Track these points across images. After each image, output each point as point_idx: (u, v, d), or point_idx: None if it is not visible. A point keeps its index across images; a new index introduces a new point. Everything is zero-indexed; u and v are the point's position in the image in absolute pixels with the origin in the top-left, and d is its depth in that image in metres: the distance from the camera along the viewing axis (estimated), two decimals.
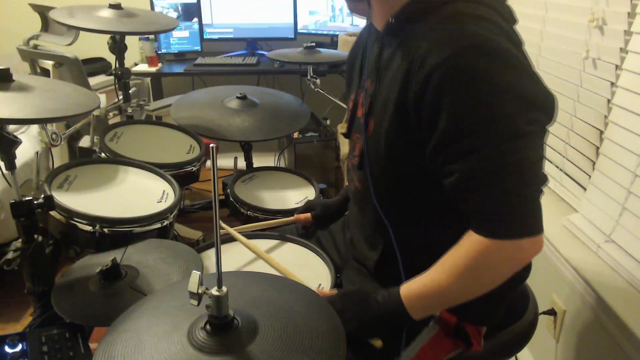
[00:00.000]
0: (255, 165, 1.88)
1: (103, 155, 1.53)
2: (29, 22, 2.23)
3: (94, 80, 2.61)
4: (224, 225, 1.20)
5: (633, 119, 1.13)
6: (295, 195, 1.64)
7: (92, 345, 1.00)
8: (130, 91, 1.87)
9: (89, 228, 1.15)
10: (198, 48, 2.96)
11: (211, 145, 0.64)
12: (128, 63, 1.85)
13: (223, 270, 0.64)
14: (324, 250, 1.17)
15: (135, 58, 2.85)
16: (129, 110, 1.88)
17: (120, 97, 1.86)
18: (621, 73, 1.18)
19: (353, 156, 0.99)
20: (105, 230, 1.16)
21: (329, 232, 1.25)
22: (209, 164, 2.16)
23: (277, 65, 2.68)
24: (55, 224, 1.18)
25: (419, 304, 0.81)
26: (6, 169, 1.09)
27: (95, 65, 2.82)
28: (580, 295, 1.22)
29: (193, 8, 2.88)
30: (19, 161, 1.12)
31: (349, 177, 1.05)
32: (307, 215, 1.26)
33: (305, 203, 1.31)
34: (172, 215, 1.29)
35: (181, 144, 1.75)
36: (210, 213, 1.68)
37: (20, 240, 1.10)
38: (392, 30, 0.84)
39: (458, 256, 0.78)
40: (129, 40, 1.79)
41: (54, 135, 1.49)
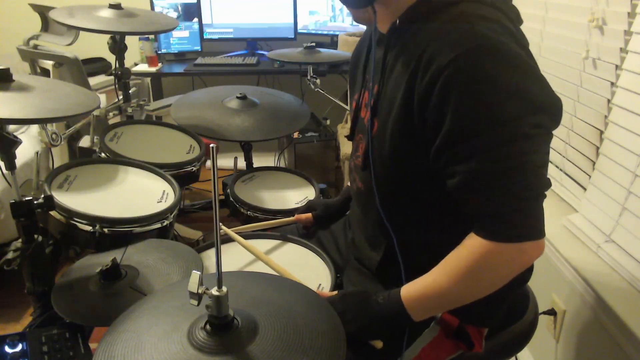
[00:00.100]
0: (255, 165, 1.88)
1: (103, 155, 1.52)
2: (29, 22, 2.23)
3: (94, 80, 2.61)
4: (223, 228, 1.20)
5: (633, 119, 1.13)
6: (295, 195, 1.64)
7: (92, 345, 1.00)
8: (130, 91, 1.87)
9: (89, 228, 1.15)
10: (198, 48, 2.96)
11: (211, 145, 0.64)
12: (128, 63, 1.85)
13: (223, 270, 0.64)
14: (324, 251, 1.17)
15: (135, 58, 2.85)
16: (129, 110, 1.88)
17: (120, 97, 1.86)
18: (621, 73, 1.18)
19: (356, 157, 0.99)
20: (105, 230, 1.16)
21: (330, 232, 1.24)
22: (209, 164, 2.16)
23: (277, 65, 2.68)
24: (55, 224, 1.18)
25: (420, 306, 0.81)
26: (6, 169, 1.09)
27: (95, 65, 2.82)
28: (580, 295, 1.22)
29: (193, 8, 2.88)
30: (19, 161, 1.12)
31: (351, 178, 1.05)
32: (308, 215, 1.26)
33: (306, 203, 1.31)
34: (172, 215, 1.29)
35: (181, 144, 1.75)
36: (210, 213, 1.68)
37: (20, 240, 1.10)
38: (397, 32, 0.84)
39: (459, 258, 0.78)
40: (129, 40, 1.79)
41: (54, 135, 1.49)
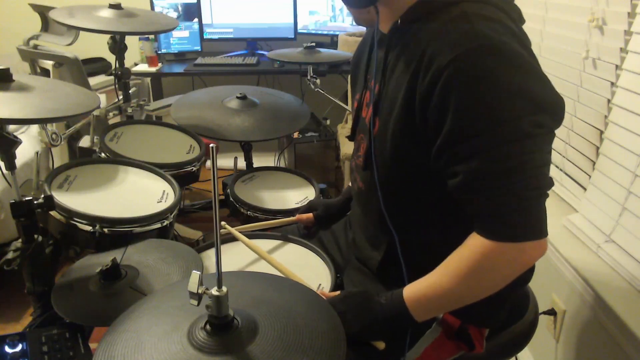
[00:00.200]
0: (255, 165, 1.88)
1: (103, 155, 1.53)
2: (29, 22, 2.23)
3: (94, 80, 2.61)
4: (226, 226, 1.20)
5: (633, 119, 1.12)
6: (296, 195, 1.64)
7: (92, 345, 1.00)
8: (130, 91, 1.87)
9: (89, 228, 1.15)
10: (198, 48, 2.96)
11: (211, 145, 0.64)
12: (128, 63, 1.85)
13: (223, 270, 0.64)
14: (325, 251, 1.17)
15: (135, 58, 2.85)
16: (129, 110, 1.88)
17: (120, 97, 1.86)
18: (621, 73, 1.18)
19: (357, 156, 0.99)
20: (105, 230, 1.16)
21: (331, 232, 1.24)
22: (209, 164, 2.15)
23: (277, 65, 2.68)
24: (55, 224, 1.18)
25: (422, 307, 0.81)
26: (6, 169, 1.09)
27: (95, 65, 2.82)
28: (580, 295, 1.22)
29: (193, 8, 2.88)
30: (19, 161, 1.12)
31: (352, 178, 1.04)
32: (309, 215, 1.26)
33: (307, 203, 1.31)
34: (172, 215, 1.29)
35: (181, 144, 1.75)
36: (210, 213, 1.68)
37: (20, 240, 1.10)
38: (399, 32, 0.84)
39: (461, 258, 0.78)
40: (129, 40, 1.79)
41: (54, 135, 1.49)
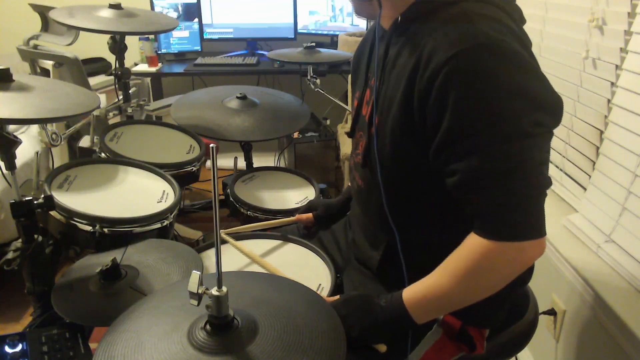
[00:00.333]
0: (255, 165, 1.88)
1: (103, 155, 1.53)
2: (29, 22, 2.23)
3: (94, 80, 2.61)
4: (223, 235, 1.19)
5: (633, 119, 1.12)
6: (296, 195, 1.64)
7: (92, 345, 1.00)
8: (130, 91, 1.87)
9: (89, 228, 1.15)
10: (198, 48, 2.96)
11: (211, 145, 0.64)
12: (128, 63, 1.85)
13: (223, 270, 0.64)
14: (325, 251, 1.17)
15: (135, 58, 2.85)
16: (129, 110, 1.88)
17: (120, 97, 1.86)
18: (621, 73, 1.18)
19: (356, 154, 0.99)
20: (105, 230, 1.16)
21: (331, 232, 1.24)
22: (209, 164, 2.15)
23: (277, 65, 2.68)
24: (55, 224, 1.18)
25: (422, 308, 0.81)
26: (6, 169, 1.09)
27: (95, 65, 2.83)
28: (580, 295, 1.22)
29: (193, 8, 2.88)
30: (19, 161, 1.12)
31: (350, 176, 1.04)
32: (309, 215, 1.26)
33: (307, 203, 1.31)
34: (172, 215, 1.29)
35: (181, 144, 1.75)
36: (210, 213, 1.68)
37: (20, 240, 1.10)
38: (399, 29, 0.84)
39: (460, 258, 0.78)
40: (129, 40, 1.79)
41: (54, 135, 1.49)
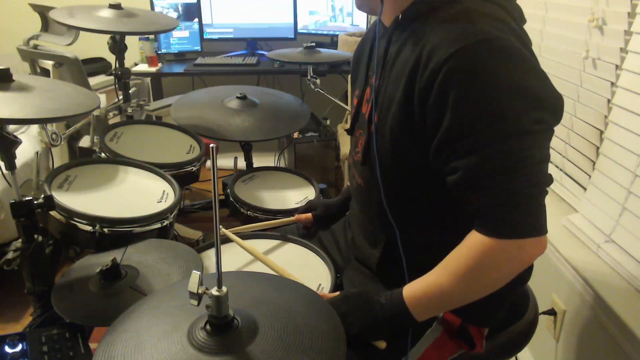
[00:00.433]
0: (255, 165, 1.88)
1: (103, 155, 1.53)
2: (29, 22, 2.23)
3: (94, 80, 2.61)
4: (222, 229, 1.19)
5: (633, 119, 1.12)
6: (295, 195, 1.64)
7: (92, 345, 1.00)
8: (130, 91, 1.87)
9: (89, 228, 1.15)
10: (198, 48, 2.96)
11: (211, 145, 0.64)
12: (128, 63, 1.85)
13: (223, 270, 0.64)
14: (325, 251, 1.17)
15: (135, 58, 2.85)
16: (129, 110, 1.88)
17: (120, 97, 1.86)
18: (621, 73, 1.18)
19: (355, 152, 0.99)
20: (105, 230, 1.16)
21: (330, 232, 1.24)
22: (209, 164, 2.16)
23: (277, 65, 2.68)
24: (55, 224, 1.18)
25: (422, 306, 0.81)
26: (6, 169, 1.09)
27: (95, 65, 2.83)
28: (580, 295, 1.22)
29: (193, 8, 2.88)
30: (19, 161, 1.12)
31: (350, 175, 1.04)
32: (308, 215, 1.26)
33: (306, 203, 1.31)
34: (172, 215, 1.29)
35: (181, 144, 1.75)
36: (210, 213, 1.68)
37: (20, 240, 1.10)
38: (400, 27, 0.84)
39: (460, 257, 0.78)
40: (129, 40, 1.79)
41: (54, 135, 1.49)
